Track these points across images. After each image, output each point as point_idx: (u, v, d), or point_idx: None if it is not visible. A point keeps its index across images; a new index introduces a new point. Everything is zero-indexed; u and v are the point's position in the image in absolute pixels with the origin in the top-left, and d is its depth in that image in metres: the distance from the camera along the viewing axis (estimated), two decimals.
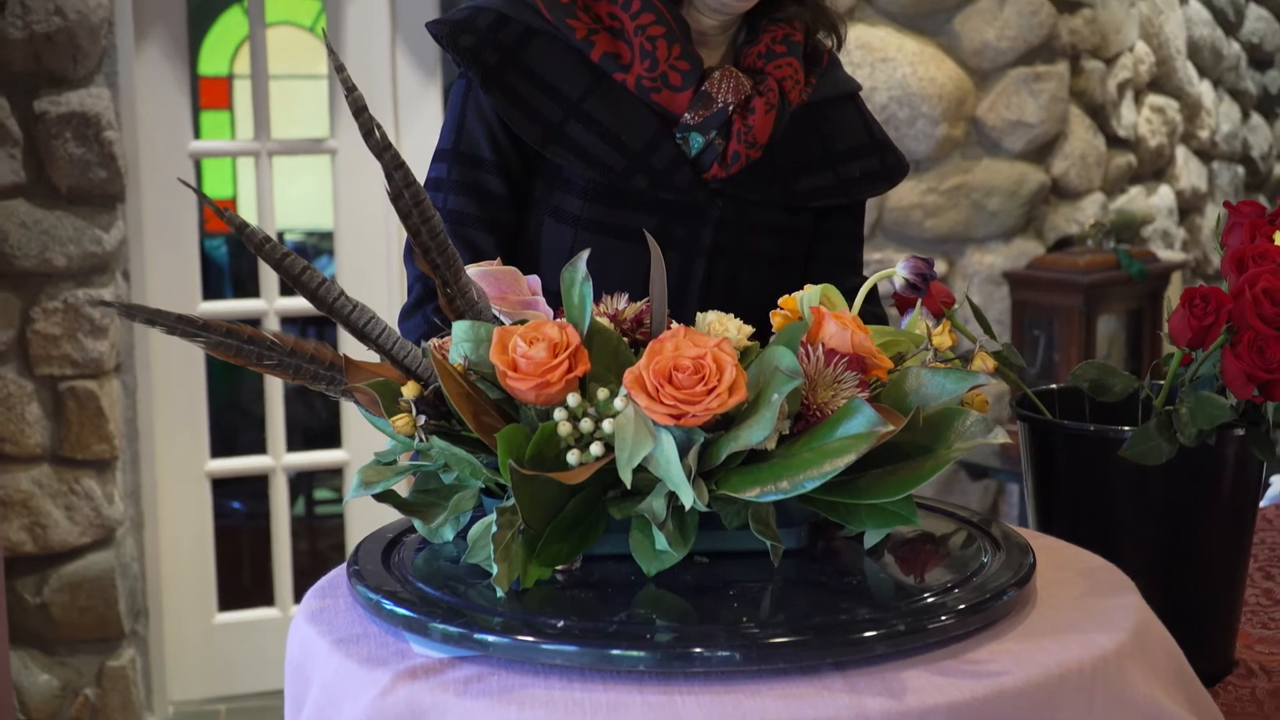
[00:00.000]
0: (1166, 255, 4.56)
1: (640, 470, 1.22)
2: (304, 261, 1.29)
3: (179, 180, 1.42)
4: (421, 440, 1.29)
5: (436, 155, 1.89)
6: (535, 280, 1.39)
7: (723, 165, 1.85)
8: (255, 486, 4.92)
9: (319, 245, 6.83)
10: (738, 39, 1.93)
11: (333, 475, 5.57)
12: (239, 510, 5.23)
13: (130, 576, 3.85)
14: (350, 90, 1.27)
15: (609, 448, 1.24)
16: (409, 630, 1.21)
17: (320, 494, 5.79)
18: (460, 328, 1.31)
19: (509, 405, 1.30)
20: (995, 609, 1.22)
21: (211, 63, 6.56)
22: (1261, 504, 2.34)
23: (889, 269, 1.47)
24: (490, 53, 1.83)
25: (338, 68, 1.28)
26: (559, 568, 1.27)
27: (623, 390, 1.23)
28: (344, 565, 1.36)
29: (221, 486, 4.21)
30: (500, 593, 1.21)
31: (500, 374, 1.26)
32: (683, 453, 1.21)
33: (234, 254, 6.55)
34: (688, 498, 1.21)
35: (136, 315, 1.28)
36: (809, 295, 1.40)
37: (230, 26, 7.36)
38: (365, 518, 4.16)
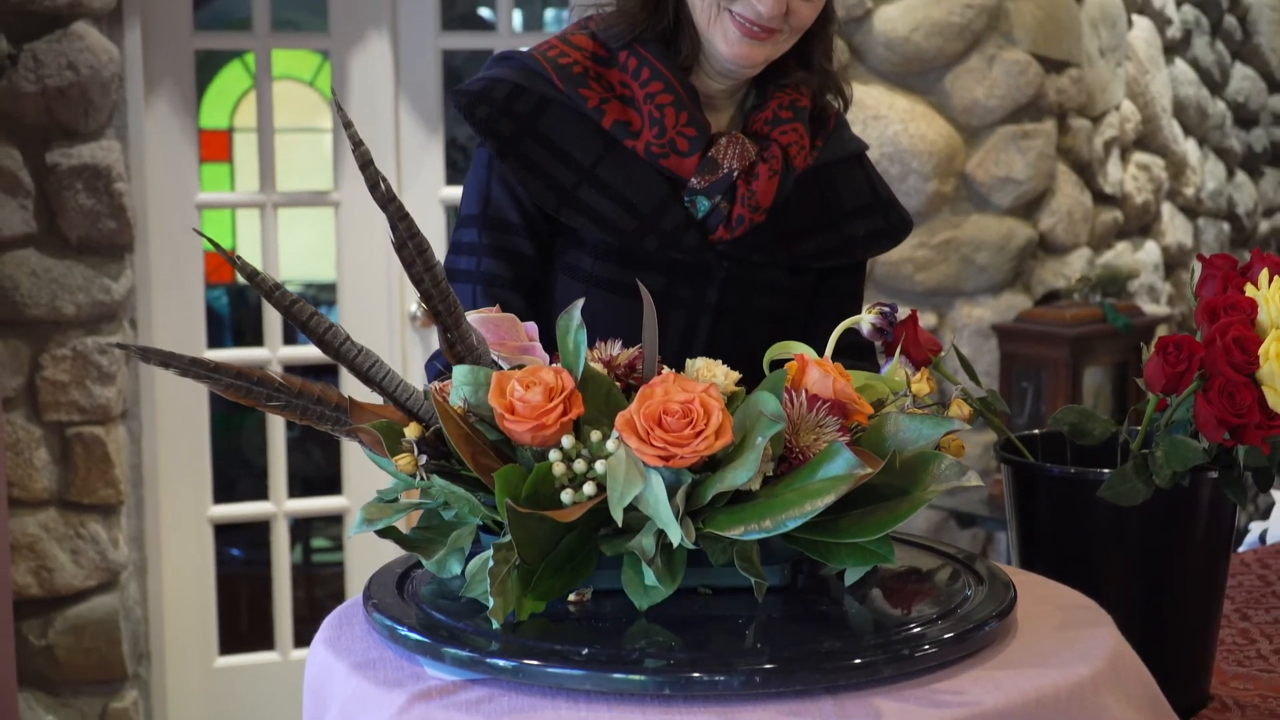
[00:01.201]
0: (1152, 309, 4.63)
1: (630, 509, 1.28)
2: (311, 308, 1.35)
3: (196, 232, 1.49)
4: (422, 479, 1.35)
5: (464, 220, 1.96)
6: (532, 327, 1.45)
7: (728, 228, 1.92)
8: (254, 534, 4.97)
9: (318, 296, 6.91)
10: (746, 104, 2.00)
11: (330, 524, 5.62)
12: (238, 557, 5.28)
13: (133, 620, 3.91)
14: (357, 145, 1.34)
15: (601, 487, 1.30)
16: (423, 654, 1.28)
17: (317, 543, 5.84)
18: (460, 372, 1.37)
19: (506, 446, 1.36)
20: (977, 639, 1.29)
21: (212, 116, 6.65)
22: (1240, 549, 2.41)
23: (856, 317, 1.55)
24: (506, 122, 1.90)
25: (345, 123, 1.34)
26: (571, 598, 1.34)
27: (615, 433, 1.30)
28: (359, 596, 1.44)
29: (221, 534, 4.26)
30: (496, 624, 1.27)
31: (498, 416, 1.32)
32: (671, 493, 1.27)
33: (234, 305, 6.62)
34: (675, 536, 1.27)
35: (152, 358, 1.34)
36: (793, 346, 1.49)
37: (230, 81, 7.45)
38: (364, 565, 4.21)
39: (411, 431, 1.36)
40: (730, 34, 1.87)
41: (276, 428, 4.18)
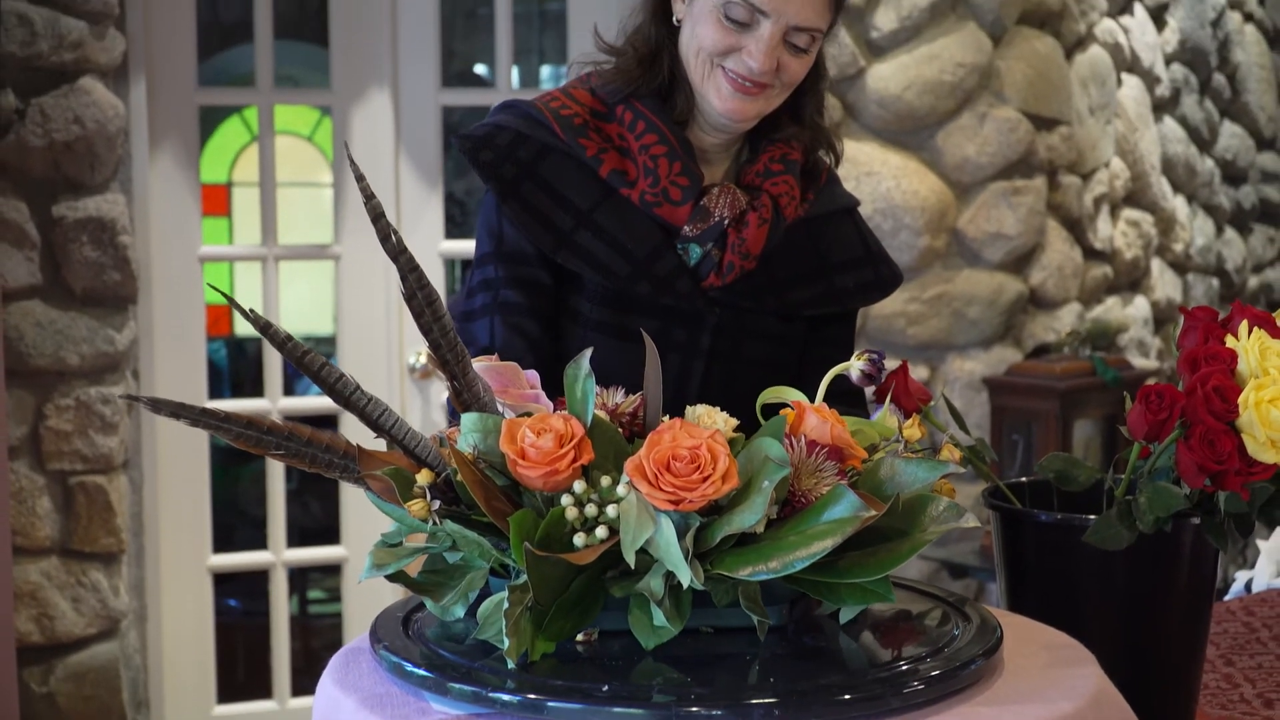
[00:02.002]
0: (1141, 363, 4.68)
1: (639, 551, 1.32)
2: (322, 358, 1.38)
3: (210, 286, 1.54)
4: (435, 523, 1.38)
5: (479, 260, 2.02)
6: (534, 375, 1.50)
7: (719, 274, 1.98)
8: (251, 585, 5.00)
9: (316, 349, 6.95)
10: (740, 157, 2.07)
11: (325, 576, 5.65)
12: (235, 608, 5.31)
13: (133, 667, 3.94)
14: (369, 198, 1.37)
15: (613, 530, 1.33)
16: (429, 690, 1.32)
17: (313, 594, 5.87)
18: (469, 419, 1.40)
19: (514, 491, 1.40)
20: (964, 676, 1.33)
21: (211, 171, 6.72)
22: (1226, 598, 2.45)
23: (846, 363, 1.60)
24: (508, 167, 1.97)
25: (358, 176, 1.38)
26: (579, 637, 1.38)
27: (625, 477, 1.34)
28: (365, 635, 1.48)
29: (219, 584, 4.29)
30: (511, 664, 1.31)
31: (511, 462, 1.35)
32: (680, 535, 1.32)
33: (233, 356, 6.67)
34: (685, 577, 1.30)
35: (163, 409, 1.35)
36: (786, 392, 1.53)
37: (229, 136, 7.51)
38: (362, 615, 4.24)
39: (424, 478, 1.39)
40: (723, 89, 1.94)
41: (275, 479, 4.22)
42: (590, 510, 1.35)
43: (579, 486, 1.35)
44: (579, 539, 1.34)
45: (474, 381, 1.44)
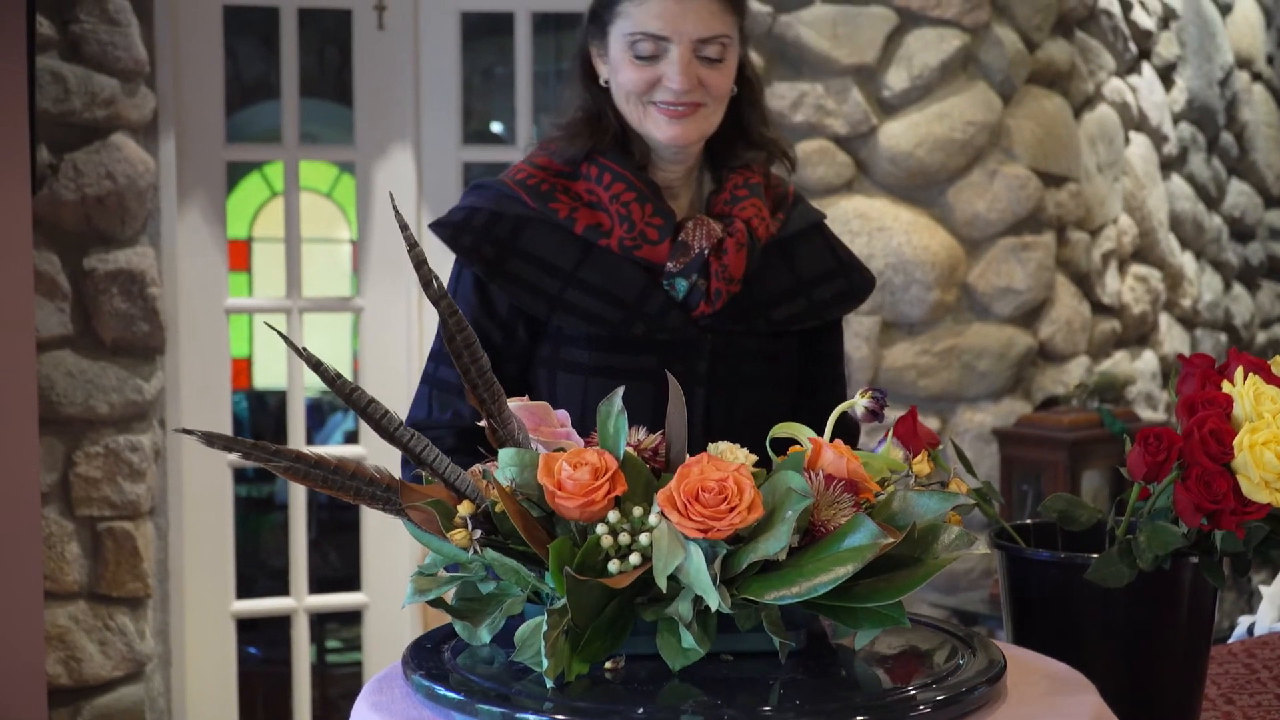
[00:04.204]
0: (1149, 416, 4.74)
1: (669, 578, 1.40)
2: (369, 395, 1.47)
3: (268, 325, 1.62)
4: (476, 552, 1.46)
5: (437, 334, 2.08)
6: (565, 414, 1.59)
7: (708, 302, 2.07)
8: (272, 633, 5.06)
9: (334, 401, 7.04)
10: (704, 189, 2.17)
11: (344, 626, 5.71)
12: (256, 655, 5.37)
13: (157, 710, 4.00)
14: (412, 245, 1.48)
15: (645, 557, 1.41)
16: (460, 712, 1.39)
17: (331, 643, 5.92)
18: (506, 454, 1.49)
19: (547, 522, 1.48)
20: (968, 702, 1.40)
21: (232, 226, 6.83)
22: (1230, 640, 2.51)
23: (852, 400, 1.68)
24: (489, 247, 2.08)
25: (402, 226, 1.49)
26: (607, 665, 1.45)
27: (656, 507, 1.42)
28: (398, 663, 1.55)
29: (241, 631, 4.35)
30: (549, 683, 1.38)
31: (549, 494, 1.44)
32: (709, 562, 1.40)
33: (253, 409, 6.75)
34: (714, 601, 1.38)
35: (216, 443, 1.43)
36: (781, 430, 1.62)
37: (250, 192, 7.63)
38: (383, 663, 4.30)
39: (465, 509, 1.47)
40: (660, 121, 2.05)
41: (297, 528, 4.29)
42: (624, 538, 1.43)
43: (613, 516, 1.43)
44: (613, 565, 1.42)
45: (509, 419, 1.53)
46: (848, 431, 1.87)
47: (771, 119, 2.21)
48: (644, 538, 1.42)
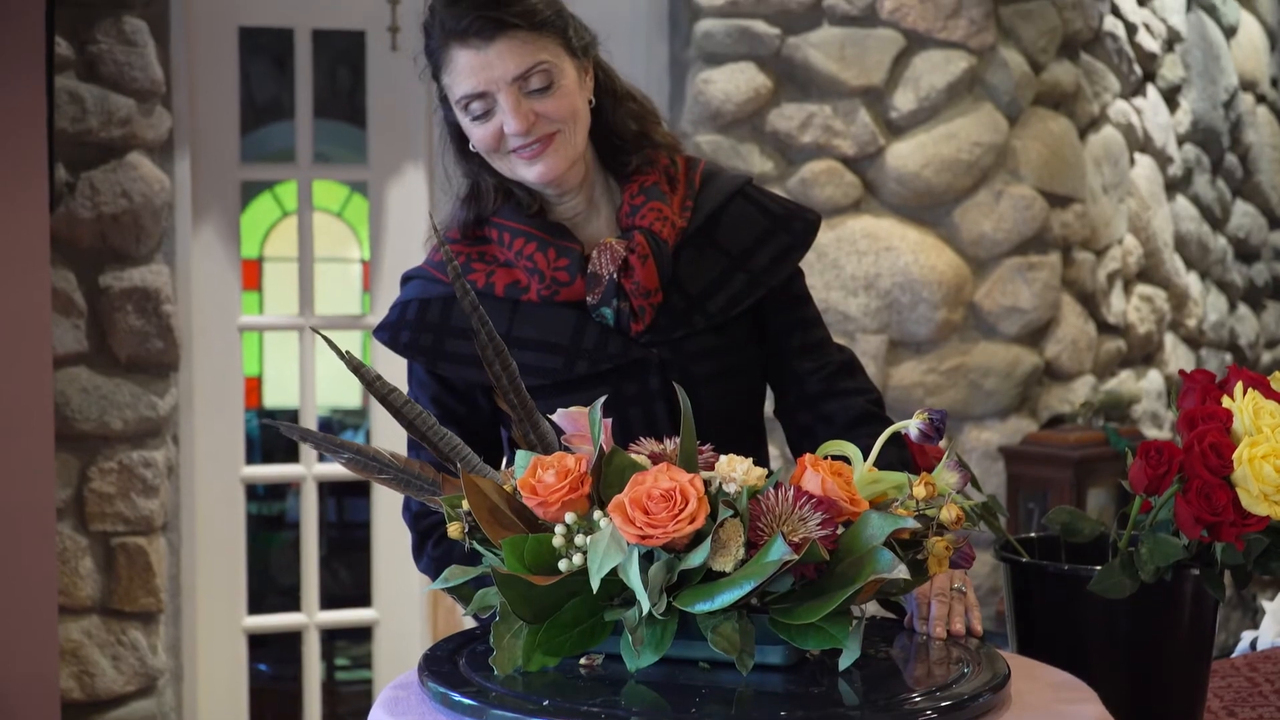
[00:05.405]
0: (1154, 434, 4.77)
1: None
2: (403, 395, 1.68)
3: (316, 331, 1.78)
4: (468, 542, 1.60)
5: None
6: (608, 422, 1.62)
7: (638, 320, 2.05)
8: (282, 649, 5.09)
9: (344, 420, 7.08)
10: (616, 204, 2.13)
11: (353, 644, 5.74)
12: (266, 672, 5.40)
13: None
14: (450, 260, 1.71)
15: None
16: (472, 716, 1.45)
17: (340, 661, 5.95)
18: (522, 457, 1.61)
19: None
20: (973, 708, 1.44)
21: (244, 246, 6.86)
22: (1233, 655, 2.54)
23: (906, 421, 1.67)
24: (425, 336, 2.09)
25: (440, 242, 1.70)
26: (582, 662, 1.53)
27: (603, 512, 1.50)
28: (414, 670, 1.60)
29: (252, 647, 4.39)
30: (498, 673, 1.49)
31: (524, 494, 1.54)
32: (647, 567, 1.46)
33: (263, 426, 6.79)
34: (646, 605, 1.45)
35: (293, 434, 1.71)
36: (831, 447, 1.65)
37: (261, 212, 7.68)
38: (392, 678, 4.33)
39: (465, 504, 1.59)
40: (522, 166, 2.03)
41: (309, 545, 4.33)
42: (580, 540, 1.51)
43: (570, 517, 1.52)
44: (563, 564, 1.50)
45: (539, 422, 1.69)
46: (894, 438, 1.83)
47: (648, 111, 2.15)
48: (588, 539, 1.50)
